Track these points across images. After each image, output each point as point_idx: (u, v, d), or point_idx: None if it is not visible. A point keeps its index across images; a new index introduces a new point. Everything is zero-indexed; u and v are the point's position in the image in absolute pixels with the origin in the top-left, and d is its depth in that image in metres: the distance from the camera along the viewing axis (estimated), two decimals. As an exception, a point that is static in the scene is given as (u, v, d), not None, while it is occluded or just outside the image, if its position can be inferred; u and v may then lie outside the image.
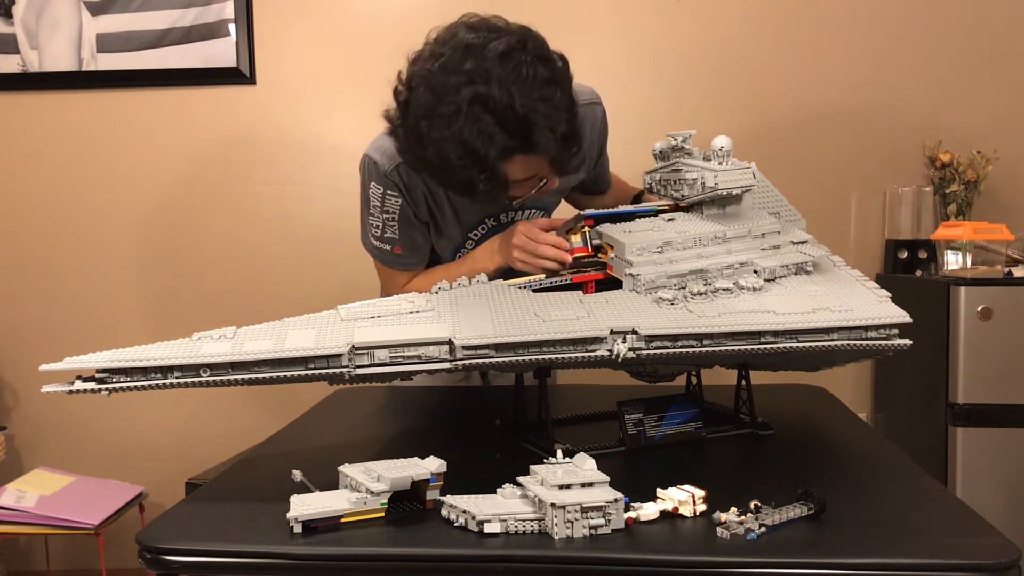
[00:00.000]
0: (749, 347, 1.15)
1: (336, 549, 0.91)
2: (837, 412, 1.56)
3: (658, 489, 1.00)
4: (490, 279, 1.27)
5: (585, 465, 0.98)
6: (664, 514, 0.97)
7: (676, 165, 1.41)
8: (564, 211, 1.65)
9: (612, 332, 1.12)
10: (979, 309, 2.13)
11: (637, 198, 1.61)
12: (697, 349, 1.14)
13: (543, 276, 1.31)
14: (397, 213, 1.44)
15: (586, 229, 1.33)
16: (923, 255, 2.55)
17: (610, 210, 1.36)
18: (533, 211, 1.55)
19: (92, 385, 1.03)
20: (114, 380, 1.03)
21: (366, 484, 0.97)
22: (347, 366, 1.07)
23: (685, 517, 0.97)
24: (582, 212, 1.35)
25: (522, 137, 1.18)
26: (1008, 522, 2.09)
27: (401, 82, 1.25)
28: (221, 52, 2.72)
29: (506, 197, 1.31)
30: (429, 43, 1.24)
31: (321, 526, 0.95)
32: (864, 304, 1.21)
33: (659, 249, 1.26)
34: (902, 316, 1.19)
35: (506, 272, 1.41)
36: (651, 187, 1.49)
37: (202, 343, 1.07)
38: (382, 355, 1.08)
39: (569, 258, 1.32)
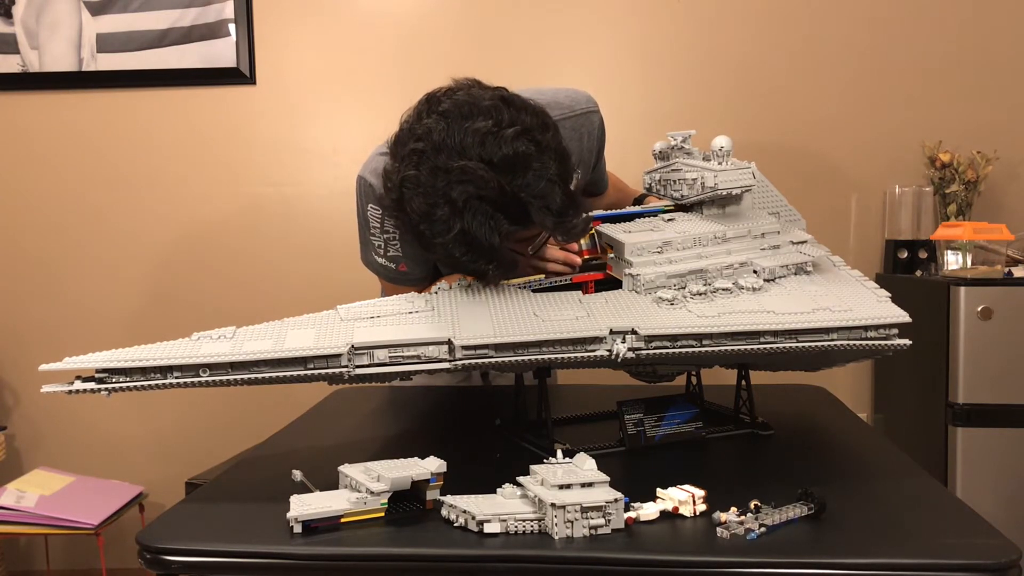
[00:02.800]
0: (749, 347, 1.15)
1: (336, 549, 0.91)
2: (837, 412, 1.56)
3: (658, 489, 1.00)
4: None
5: (585, 465, 0.98)
6: (664, 514, 0.97)
7: (676, 165, 1.41)
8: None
9: (612, 332, 1.12)
10: (979, 309, 2.13)
11: (639, 201, 1.60)
12: (697, 349, 1.14)
13: (543, 276, 1.31)
14: (398, 232, 1.44)
15: (594, 231, 1.33)
16: (923, 255, 2.55)
17: (617, 211, 1.36)
18: None
19: (92, 385, 1.03)
20: (114, 380, 1.03)
21: (366, 484, 0.97)
22: (346, 366, 1.07)
23: (685, 517, 0.97)
24: (590, 215, 1.34)
25: (521, 217, 1.16)
26: (1008, 522, 2.09)
27: (389, 179, 1.21)
28: (221, 52, 2.72)
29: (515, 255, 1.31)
30: (403, 130, 1.21)
31: (321, 526, 0.95)
32: (864, 304, 1.21)
33: (659, 249, 1.26)
34: (902, 316, 1.19)
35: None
36: (651, 187, 1.49)
37: (201, 343, 1.07)
38: (381, 355, 1.08)
39: (579, 260, 1.31)
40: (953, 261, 2.37)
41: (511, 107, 1.19)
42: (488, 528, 0.92)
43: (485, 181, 1.12)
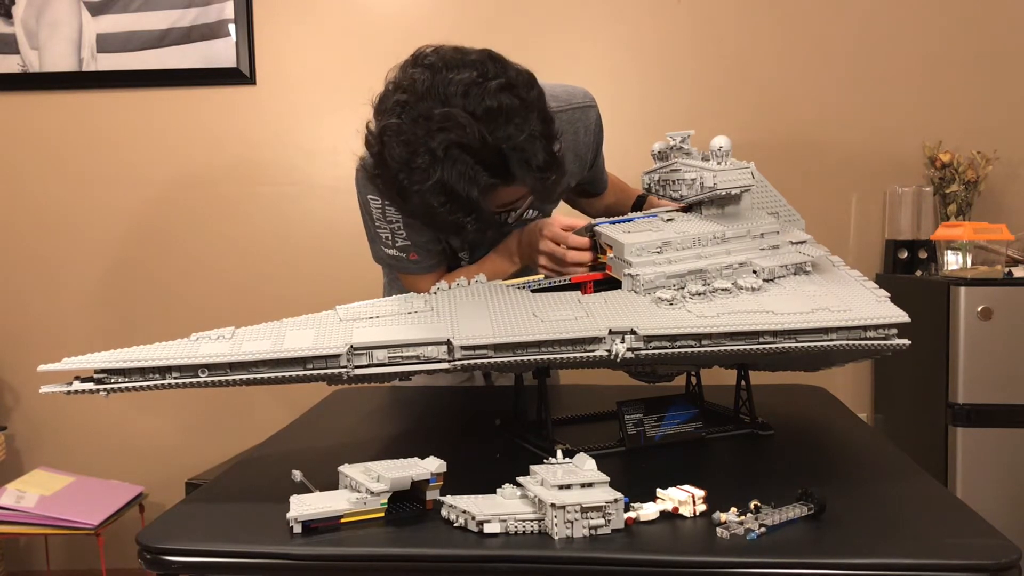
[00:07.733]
0: (748, 347, 1.15)
1: (336, 549, 0.91)
2: (837, 412, 1.56)
3: (658, 489, 1.00)
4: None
5: (585, 465, 0.98)
6: (664, 514, 0.97)
7: (675, 165, 1.41)
8: (562, 212, 1.65)
9: (611, 332, 1.12)
10: (979, 309, 2.13)
11: (639, 202, 1.59)
12: (696, 349, 1.14)
13: (542, 276, 1.31)
14: (402, 220, 1.44)
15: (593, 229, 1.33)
16: (923, 255, 2.55)
17: (620, 218, 1.36)
18: (532, 212, 1.55)
19: (90, 386, 1.02)
20: (112, 381, 1.03)
21: (366, 484, 0.97)
22: (345, 366, 1.06)
23: (685, 517, 0.97)
24: (593, 222, 1.35)
25: (502, 171, 1.16)
26: (1008, 522, 2.09)
27: (371, 133, 1.22)
28: (221, 52, 2.72)
29: (497, 218, 1.30)
30: (389, 87, 1.21)
31: (321, 526, 0.95)
32: (863, 304, 1.21)
33: (658, 249, 1.26)
34: (901, 316, 1.19)
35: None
36: (649, 187, 1.49)
37: (200, 343, 1.07)
38: (380, 355, 1.07)
39: (590, 264, 1.32)
40: (953, 261, 2.37)
41: (497, 63, 1.20)
42: (488, 528, 0.92)
43: (466, 129, 1.12)
